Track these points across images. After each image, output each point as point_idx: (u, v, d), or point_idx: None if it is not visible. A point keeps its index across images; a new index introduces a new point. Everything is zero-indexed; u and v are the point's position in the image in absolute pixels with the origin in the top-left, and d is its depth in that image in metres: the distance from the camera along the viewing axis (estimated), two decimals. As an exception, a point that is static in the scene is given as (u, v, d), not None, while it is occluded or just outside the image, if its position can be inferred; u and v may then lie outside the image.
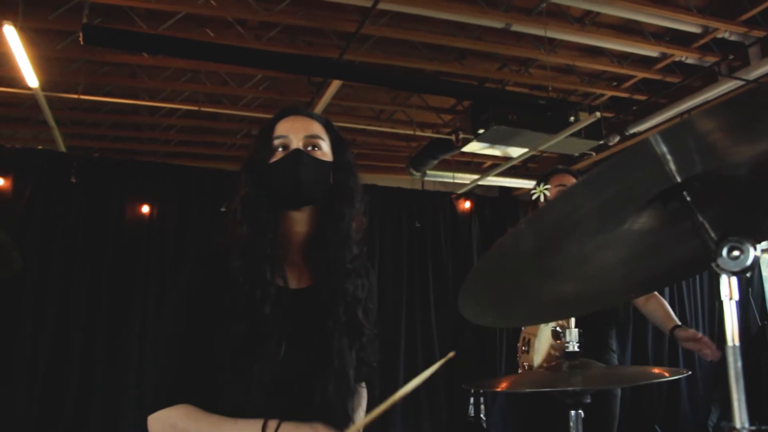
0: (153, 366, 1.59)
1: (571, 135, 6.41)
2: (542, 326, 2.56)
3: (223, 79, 6.81)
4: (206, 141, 8.56)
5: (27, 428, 5.01)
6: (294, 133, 1.59)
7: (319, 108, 6.39)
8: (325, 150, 1.62)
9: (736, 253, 0.97)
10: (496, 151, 7.30)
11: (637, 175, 0.98)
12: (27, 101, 6.82)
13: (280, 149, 1.58)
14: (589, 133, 6.63)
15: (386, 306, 5.99)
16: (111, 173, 5.57)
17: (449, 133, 7.32)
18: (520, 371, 2.70)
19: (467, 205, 6.37)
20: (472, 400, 6.34)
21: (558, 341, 2.46)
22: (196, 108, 6.68)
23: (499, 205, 6.68)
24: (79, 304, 5.27)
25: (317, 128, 1.64)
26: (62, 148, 7.01)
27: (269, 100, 7.38)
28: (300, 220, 1.59)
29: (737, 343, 0.98)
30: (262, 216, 1.53)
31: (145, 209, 5.58)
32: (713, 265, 0.99)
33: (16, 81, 5.86)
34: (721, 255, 0.98)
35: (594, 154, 7.34)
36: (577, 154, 7.35)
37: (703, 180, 0.96)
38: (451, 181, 8.49)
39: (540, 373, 1.81)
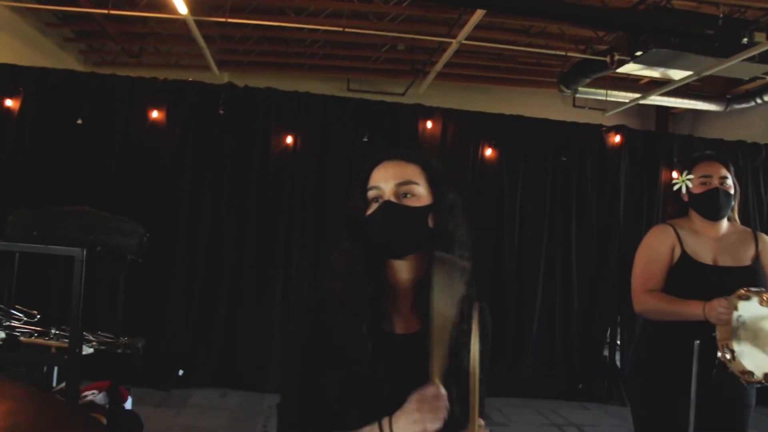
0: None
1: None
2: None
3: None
4: (351, 55, 8.55)
5: (183, 353, 5.45)
6: (385, 181, 1.58)
7: (470, 23, 6.15)
8: (419, 193, 1.58)
9: None
10: (654, 73, 6.76)
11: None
12: (178, 21, 7.03)
13: (374, 201, 1.58)
14: (764, 56, 5.97)
15: (526, 245, 5.88)
16: (257, 104, 5.68)
17: (604, 52, 6.83)
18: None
19: (617, 139, 5.96)
20: (608, 338, 6.20)
21: None
22: (340, 29, 6.60)
23: (653, 141, 6.17)
24: (230, 231, 5.55)
25: (410, 172, 1.60)
26: (213, 65, 7.22)
27: (412, 17, 7.19)
28: (404, 268, 1.59)
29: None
30: (358, 268, 1.55)
31: (289, 139, 5.68)
32: None
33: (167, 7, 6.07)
34: None
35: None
36: (747, 78, 6.68)
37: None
38: (604, 98, 8.02)
39: None
